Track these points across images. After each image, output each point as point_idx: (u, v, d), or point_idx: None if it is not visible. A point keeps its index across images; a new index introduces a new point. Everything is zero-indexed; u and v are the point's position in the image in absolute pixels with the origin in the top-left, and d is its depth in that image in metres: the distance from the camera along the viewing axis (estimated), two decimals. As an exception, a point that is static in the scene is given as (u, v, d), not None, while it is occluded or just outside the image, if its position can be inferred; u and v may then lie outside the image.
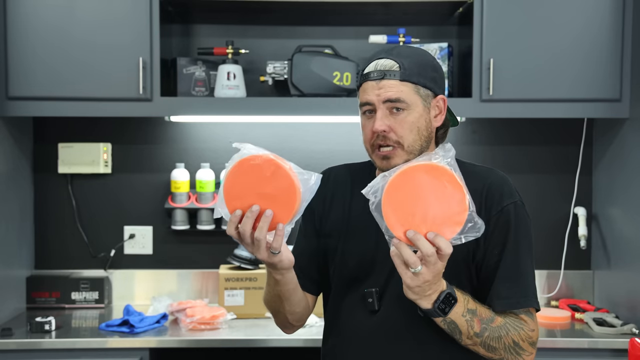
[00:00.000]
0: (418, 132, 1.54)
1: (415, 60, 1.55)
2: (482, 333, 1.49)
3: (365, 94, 1.55)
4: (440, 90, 1.59)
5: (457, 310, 1.46)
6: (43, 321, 2.60)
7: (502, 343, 1.50)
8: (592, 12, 2.71)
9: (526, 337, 1.52)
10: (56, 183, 3.08)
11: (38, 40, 2.68)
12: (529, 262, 1.57)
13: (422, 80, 1.54)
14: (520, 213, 1.58)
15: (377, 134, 1.53)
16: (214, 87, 2.87)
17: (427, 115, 1.56)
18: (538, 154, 3.12)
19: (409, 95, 1.52)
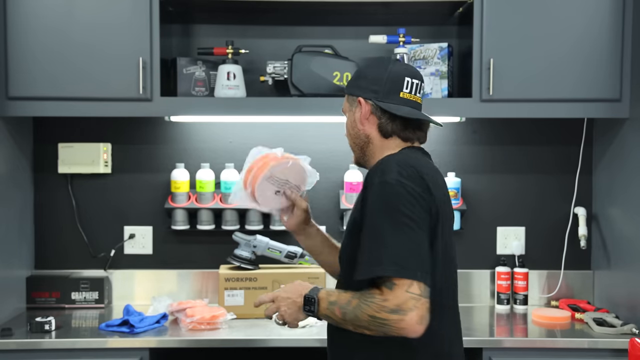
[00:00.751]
0: (348, 131, 1.88)
1: (355, 73, 1.89)
2: (345, 317, 1.66)
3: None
4: (363, 93, 1.82)
5: (322, 306, 1.71)
6: (43, 321, 2.60)
7: (362, 320, 1.63)
8: (592, 13, 2.71)
9: (380, 308, 1.59)
10: (56, 183, 3.08)
11: (38, 40, 2.68)
12: (387, 233, 1.61)
13: (349, 90, 1.87)
14: (385, 189, 1.65)
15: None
16: (214, 87, 2.87)
17: (352, 117, 1.86)
18: (538, 154, 3.12)
19: (345, 104, 1.89)
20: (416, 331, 1.58)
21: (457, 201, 3.04)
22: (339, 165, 3.08)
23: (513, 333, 2.76)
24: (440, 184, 1.75)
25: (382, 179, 1.66)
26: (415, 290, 1.58)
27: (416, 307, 1.57)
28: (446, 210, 1.74)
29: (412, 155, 1.76)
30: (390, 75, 1.80)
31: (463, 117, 2.91)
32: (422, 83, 1.85)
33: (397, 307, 1.57)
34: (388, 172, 1.66)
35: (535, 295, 3.10)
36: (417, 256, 1.60)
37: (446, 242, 1.74)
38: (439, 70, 2.89)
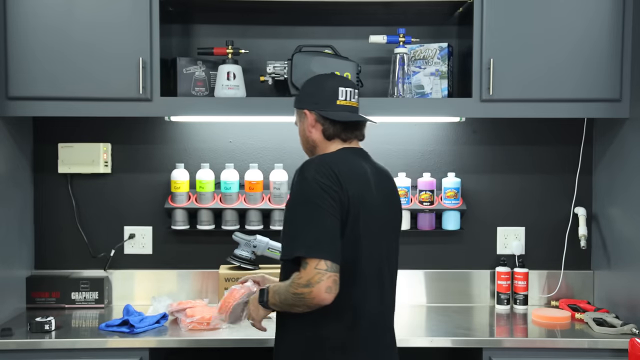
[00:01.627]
0: (301, 140, 2.19)
1: (300, 91, 2.19)
2: (280, 300, 1.99)
3: None
4: (307, 105, 2.13)
5: (270, 296, 2.05)
6: (43, 321, 2.60)
7: (289, 299, 1.95)
8: (592, 13, 2.71)
9: (297, 285, 1.91)
10: (56, 183, 3.08)
11: (38, 40, 2.68)
12: (300, 220, 1.94)
13: (295, 105, 2.19)
14: (301, 184, 1.96)
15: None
16: (214, 87, 2.87)
17: (301, 127, 2.16)
18: (538, 154, 3.12)
19: (295, 117, 2.20)
20: (324, 299, 1.89)
21: (457, 201, 3.04)
22: (339, 165, 3.08)
23: (513, 333, 2.76)
24: (357, 180, 2.01)
25: (301, 177, 1.97)
26: (322, 266, 1.88)
27: (322, 280, 1.87)
28: (364, 202, 1.99)
29: (339, 155, 2.07)
30: (326, 87, 2.12)
31: (463, 117, 2.91)
32: (355, 89, 2.15)
33: (308, 282, 1.88)
34: (307, 171, 1.97)
35: (535, 295, 3.10)
36: (324, 238, 1.90)
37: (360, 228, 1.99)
38: (439, 70, 2.89)
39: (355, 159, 2.10)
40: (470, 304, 3.10)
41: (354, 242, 1.98)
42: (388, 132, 3.10)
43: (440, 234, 3.11)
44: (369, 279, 2.04)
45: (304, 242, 1.91)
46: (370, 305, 2.04)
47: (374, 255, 2.05)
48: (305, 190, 1.95)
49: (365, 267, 2.02)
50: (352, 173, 2.02)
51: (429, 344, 2.57)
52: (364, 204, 2.01)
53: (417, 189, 3.05)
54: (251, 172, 3.00)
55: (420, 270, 3.11)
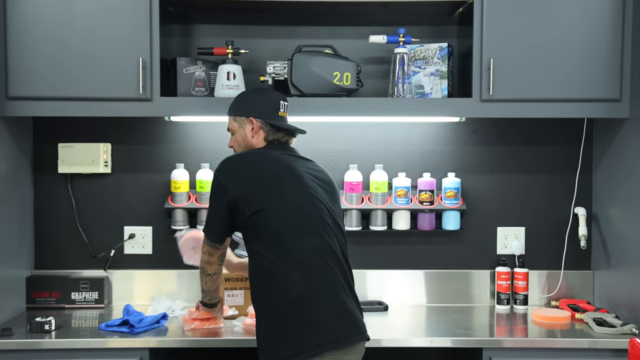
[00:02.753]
0: (239, 145, 2.48)
1: (237, 100, 2.50)
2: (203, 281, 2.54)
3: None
4: (250, 114, 2.43)
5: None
6: (43, 321, 2.60)
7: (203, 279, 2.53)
8: (592, 13, 2.71)
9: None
10: (56, 183, 3.08)
11: (38, 40, 2.68)
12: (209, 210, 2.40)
13: (235, 112, 2.48)
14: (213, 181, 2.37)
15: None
16: (214, 87, 2.87)
17: (242, 133, 2.45)
18: (538, 154, 3.12)
19: (231, 124, 2.49)
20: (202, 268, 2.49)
21: (457, 201, 3.04)
22: (339, 165, 3.08)
23: (513, 333, 2.76)
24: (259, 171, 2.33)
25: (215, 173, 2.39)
26: (210, 249, 2.41)
27: (206, 260, 2.44)
28: (254, 192, 2.29)
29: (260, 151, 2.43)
30: (271, 99, 2.46)
31: (463, 117, 2.91)
32: (287, 103, 2.49)
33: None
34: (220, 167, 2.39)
35: (535, 295, 3.10)
36: (210, 225, 2.38)
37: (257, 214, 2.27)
38: (439, 70, 2.89)
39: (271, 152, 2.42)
40: (470, 304, 3.10)
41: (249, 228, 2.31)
42: (388, 132, 3.10)
43: (440, 234, 3.11)
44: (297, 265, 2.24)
45: (207, 228, 2.44)
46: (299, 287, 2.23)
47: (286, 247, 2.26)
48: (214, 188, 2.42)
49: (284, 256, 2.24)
50: (251, 167, 2.38)
51: (429, 344, 2.57)
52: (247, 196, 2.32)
53: (417, 189, 3.05)
54: (251, 172, 3.00)
55: (420, 270, 3.11)
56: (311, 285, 2.17)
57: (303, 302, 2.16)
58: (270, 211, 2.23)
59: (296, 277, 2.17)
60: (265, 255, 2.22)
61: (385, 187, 3.02)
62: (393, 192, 3.03)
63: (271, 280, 2.20)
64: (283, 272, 2.18)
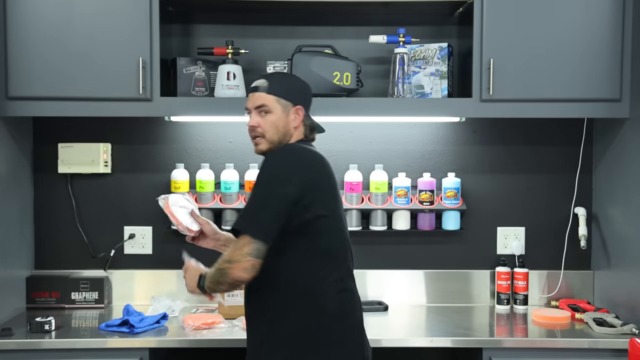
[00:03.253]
0: (275, 129, 2.20)
1: (281, 82, 2.24)
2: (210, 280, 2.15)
3: (248, 101, 2.26)
4: (299, 102, 2.22)
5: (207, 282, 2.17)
6: (43, 321, 2.60)
7: (217, 277, 2.10)
8: (592, 12, 2.71)
9: (222, 260, 2.08)
10: (56, 183, 3.08)
11: (38, 40, 2.68)
12: (256, 197, 2.10)
13: (282, 94, 2.21)
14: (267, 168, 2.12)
15: (249, 128, 2.23)
16: (214, 87, 2.87)
17: (286, 118, 2.20)
18: (538, 154, 3.12)
19: (271, 103, 2.20)
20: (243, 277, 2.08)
21: (457, 201, 3.04)
22: (339, 165, 3.08)
23: (513, 333, 2.76)
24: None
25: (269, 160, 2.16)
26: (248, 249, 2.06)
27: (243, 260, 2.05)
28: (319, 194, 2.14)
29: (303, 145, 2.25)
30: (310, 95, 2.31)
31: (463, 117, 2.91)
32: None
33: (230, 257, 2.08)
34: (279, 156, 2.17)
35: (535, 295, 3.10)
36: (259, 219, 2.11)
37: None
38: (439, 70, 2.89)
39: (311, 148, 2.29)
40: (470, 304, 3.10)
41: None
42: (388, 132, 3.10)
43: (440, 234, 3.11)
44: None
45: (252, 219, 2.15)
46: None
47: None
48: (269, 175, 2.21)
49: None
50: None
51: (429, 344, 2.57)
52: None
53: (417, 189, 3.05)
54: (251, 172, 3.00)
55: (420, 270, 3.11)
56: (346, 302, 2.16)
57: (340, 319, 2.13)
58: (328, 220, 2.11)
59: (334, 293, 2.12)
60: (308, 266, 2.10)
61: (385, 187, 3.02)
62: (393, 192, 3.03)
63: (306, 293, 2.10)
64: (323, 288, 2.11)
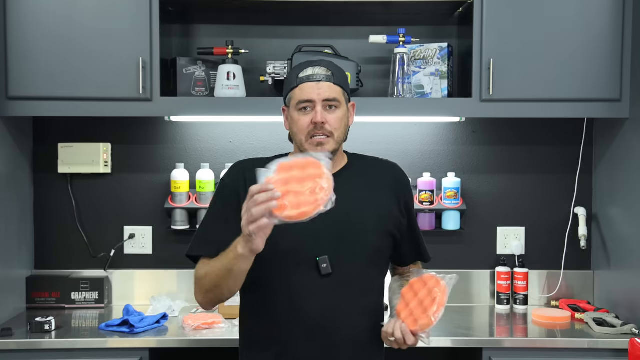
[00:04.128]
0: (343, 127, 1.95)
1: (341, 72, 1.97)
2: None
3: (306, 93, 1.89)
4: (350, 98, 2.02)
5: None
6: (43, 321, 2.60)
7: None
8: (592, 13, 2.71)
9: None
10: (56, 183, 3.08)
11: (38, 40, 2.68)
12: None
13: (345, 87, 1.96)
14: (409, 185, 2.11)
15: (315, 124, 1.88)
16: (214, 87, 2.87)
17: (347, 115, 1.97)
18: (538, 154, 3.12)
19: (339, 96, 1.92)
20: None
21: (457, 201, 3.04)
22: (339, 165, 3.08)
23: (513, 333, 2.76)
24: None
25: (410, 184, 2.12)
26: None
27: None
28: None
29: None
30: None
31: (463, 117, 2.91)
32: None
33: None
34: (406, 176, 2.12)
35: (535, 295, 3.10)
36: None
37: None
38: (439, 70, 2.89)
39: None
40: (470, 304, 3.10)
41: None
42: (388, 132, 3.10)
43: (440, 234, 3.11)
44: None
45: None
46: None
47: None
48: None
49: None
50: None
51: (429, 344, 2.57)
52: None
53: (417, 189, 3.05)
54: (251, 172, 3.00)
55: (420, 270, 3.11)
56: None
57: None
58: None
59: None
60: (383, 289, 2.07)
61: (385, 187, 3.02)
62: (393, 192, 3.03)
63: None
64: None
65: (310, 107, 1.89)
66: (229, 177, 1.99)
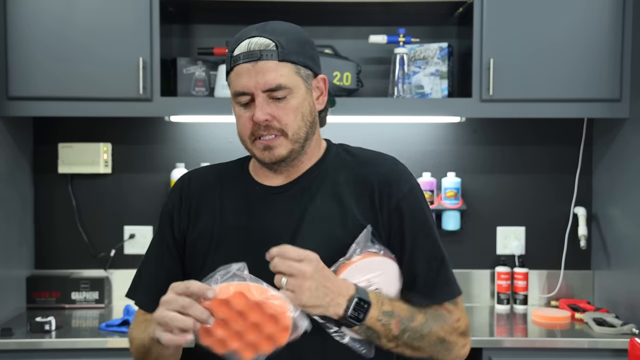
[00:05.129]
0: (302, 118, 1.41)
1: (293, 37, 1.41)
2: (402, 335, 1.37)
3: (240, 80, 1.40)
4: (319, 69, 1.46)
5: (372, 315, 1.33)
6: (43, 321, 2.60)
7: (427, 341, 1.40)
8: (592, 13, 2.71)
9: (452, 330, 1.44)
10: (56, 183, 3.08)
11: (38, 40, 2.68)
12: (441, 247, 1.49)
13: (301, 59, 1.40)
14: (421, 195, 1.48)
15: (258, 124, 1.40)
16: (214, 87, 2.87)
17: (310, 98, 1.44)
18: (538, 154, 3.12)
19: (290, 79, 1.38)
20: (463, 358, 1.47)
21: (457, 201, 3.04)
22: (339, 165, 3.08)
23: (513, 333, 2.76)
24: None
25: (412, 183, 1.47)
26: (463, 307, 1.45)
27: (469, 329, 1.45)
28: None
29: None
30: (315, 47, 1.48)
31: (463, 117, 2.91)
32: None
33: (466, 329, 1.45)
34: (409, 174, 1.49)
35: (535, 295, 3.10)
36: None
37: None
38: (439, 70, 2.89)
39: None
40: (470, 304, 3.09)
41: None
42: (388, 132, 3.10)
43: (440, 234, 3.10)
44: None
45: (453, 277, 1.49)
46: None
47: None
48: (426, 203, 1.52)
49: None
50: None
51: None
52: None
53: (417, 189, 3.04)
54: (251, 172, 3.00)
55: (420, 270, 3.11)
56: None
57: None
58: None
59: None
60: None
61: (385, 187, 3.02)
62: (393, 192, 3.03)
63: None
64: None
65: (252, 100, 1.41)
66: (167, 199, 1.59)
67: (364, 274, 1.38)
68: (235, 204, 1.48)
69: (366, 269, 1.39)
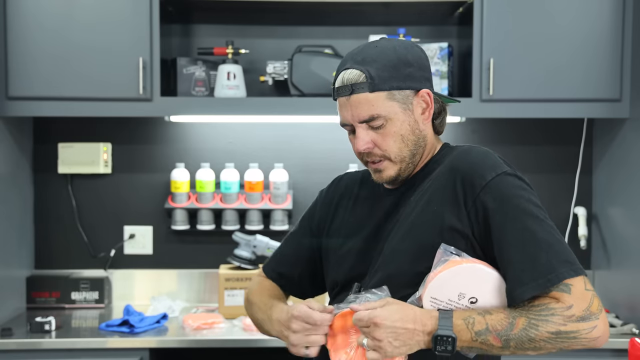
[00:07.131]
0: (403, 140, 1.49)
1: (385, 62, 1.45)
2: (508, 345, 1.32)
3: (341, 112, 1.51)
4: (420, 83, 1.49)
5: (464, 339, 1.32)
6: (43, 321, 2.60)
7: (539, 341, 1.31)
8: (592, 13, 2.71)
9: (564, 320, 1.31)
10: (56, 183, 3.08)
11: (38, 40, 2.68)
12: (541, 231, 1.36)
13: (395, 84, 1.46)
14: (510, 182, 1.44)
15: (361, 153, 1.51)
16: (214, 87, 2.87)
17: (410, 118, 1.49)
18: (538, 153, 3.12)
19: (383, 107, 1.45)
20: (606, 339, 1.35)
21: (457, 201, 3.03)
22: (339, 165, 3.07)
23: (513, 333, 2.76)
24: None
25: (499, 172, 1.44)
26: (590, 286, 1.36)
27: (602, 308, 1.34)
28: None
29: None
30: (427, 60, 1.53)
31: (463, 117, 2.91)
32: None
33: (585, 314, 1.32)
34: (497, 163, 1.47)
35: (535, 295, 3.10)
36: (568, 247, 1.39)
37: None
38: (439, 70, 2.89)
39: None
40: (470, 304, 3.09)
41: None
42: (388, 132, 3.10)
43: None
44: None
45: (561, 257, 1.36)
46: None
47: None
48: (528, 192, 1.46)
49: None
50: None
51: (429, 344, 2.57)
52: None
53: (417, 189, 3.04)
54: (251, 172, 3.00)
55: (420, 270, 3.11)
56: None
57: None
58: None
59: None
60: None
61: (385, 187, 3.02)
62: (393, 192, 3.03)
63: None
64: None
65: (353, 130, 1.50)
66: (328, 187, 1.73)
67: (452, 286, 1.36)
68: (363, 203, 1.62)
69: (453, 280, 1.36)
